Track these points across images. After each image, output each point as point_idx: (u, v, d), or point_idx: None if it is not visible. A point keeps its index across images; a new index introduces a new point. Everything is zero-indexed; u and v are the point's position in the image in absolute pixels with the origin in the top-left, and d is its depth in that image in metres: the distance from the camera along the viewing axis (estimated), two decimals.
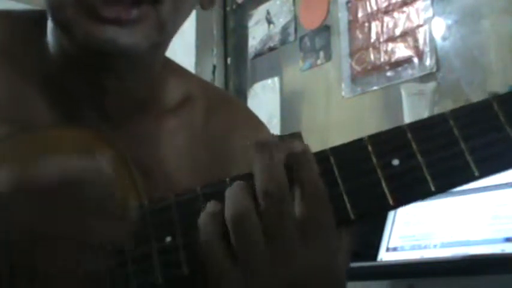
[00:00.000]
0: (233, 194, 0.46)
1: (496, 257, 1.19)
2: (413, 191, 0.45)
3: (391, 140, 0.46)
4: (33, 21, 0.63)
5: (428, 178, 0.45)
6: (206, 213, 0.46)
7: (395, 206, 0.45)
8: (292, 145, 0.47)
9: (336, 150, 0.47)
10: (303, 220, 0.45)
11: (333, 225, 0.46)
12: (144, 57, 0.60)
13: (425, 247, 1.44)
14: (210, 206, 0.47)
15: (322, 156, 0.47)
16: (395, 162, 0.45)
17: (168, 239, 0.48)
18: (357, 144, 0.47)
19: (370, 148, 0.46)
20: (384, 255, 1.53)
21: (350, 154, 0.47)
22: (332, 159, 0.47)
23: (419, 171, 0.45)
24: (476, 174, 0.44)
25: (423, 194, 0.45)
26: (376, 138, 0.47)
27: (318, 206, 0.45)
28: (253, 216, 0.45)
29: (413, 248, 1.47)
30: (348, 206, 0.46)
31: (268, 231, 0.45)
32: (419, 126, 0.46)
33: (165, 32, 0.59)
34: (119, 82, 0.62)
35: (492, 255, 1.23)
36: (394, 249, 1.52)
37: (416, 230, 1.49)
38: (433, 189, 0.44)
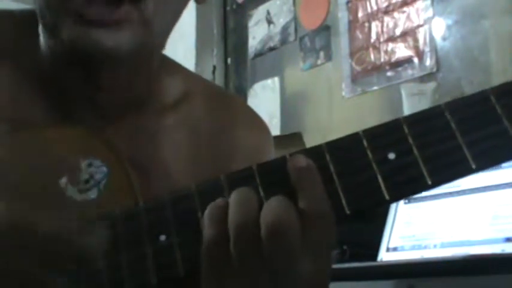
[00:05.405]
0: (240, 200, 0.45)
1: (497, 257, 1.18)
2: (410, 185, 0.44)
3: (387, 134, 0.46)
4: (29, 20, 0.63)
5: (425, 172, 0.44)
6: (209, 214, 0.46)
7: (392, 201, 0.45)
8: (297, 160, 0.46)
9: (331, 145, 0.47)
10: (305, 231, 0.45)
11: (333, 240, 0.45)
12: (132, 57, 0.59)
13: (425, 247, 1.43)
14: (214, 205, 0.46)
15: (317, 152, 0.46)
16: (391, 156, 0.45)
17: (163, 237, 0.47)
18: (352, 139, 0.46)
19: (365, 142, 0.46)
20: (384, 255, 1.52)
21: (345, 149, 0.46)
22: (327, 155, 0.46)
23: (415, 165, 0.44)
24: (474, 167, 0.43)
25: (420, 188, 0.44)
26: (372, 132, 0.46)
27: (321, 222, 0.45)
28: (256, 224, 0.44)
29: (413, 248, 1.46)
30: (344, 201, 0.45)
31: (271, 238, 0.44)
32: (415, 120, 0.46)
33: (152, 30, 0.58)
34: (111, 81, 0.61)
35: (492, 255, 1.22)
36: (394, 249, 1.51)
37: (416, 230, 1.49)
38: (429, 183, 0.44)
